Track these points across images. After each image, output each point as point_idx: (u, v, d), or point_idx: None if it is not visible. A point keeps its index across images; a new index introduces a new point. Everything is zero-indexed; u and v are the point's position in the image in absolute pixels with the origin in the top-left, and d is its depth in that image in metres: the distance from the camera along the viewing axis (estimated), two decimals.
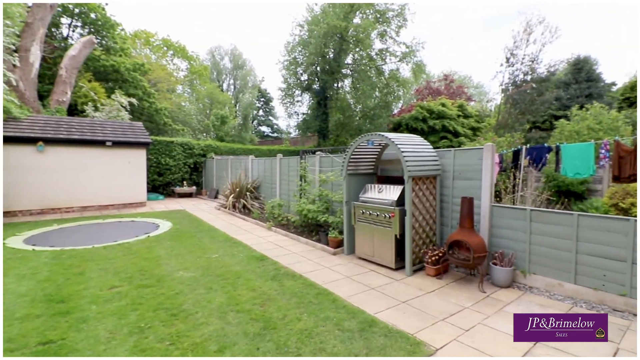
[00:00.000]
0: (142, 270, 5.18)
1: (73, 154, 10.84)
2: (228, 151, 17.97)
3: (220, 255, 6.08)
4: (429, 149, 5.49)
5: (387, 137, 5.12)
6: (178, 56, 45.44)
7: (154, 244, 6.85)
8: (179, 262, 5.61)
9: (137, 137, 12.20)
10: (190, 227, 8.60)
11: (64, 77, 17.12)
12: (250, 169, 12.14)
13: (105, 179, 11.42)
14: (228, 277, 4.88)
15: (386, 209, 5.27)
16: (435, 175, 5.36)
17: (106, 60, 24.18)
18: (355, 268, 5.42)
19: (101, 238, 7.35)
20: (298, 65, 18.41)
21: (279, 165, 10.13)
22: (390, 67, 19.27)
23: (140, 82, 26.00)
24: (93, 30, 25.96)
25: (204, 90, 44.18)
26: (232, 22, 62.21)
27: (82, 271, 5.13)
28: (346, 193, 6.08)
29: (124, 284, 4.63)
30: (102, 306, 3.91)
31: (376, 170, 6.52)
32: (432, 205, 5.38)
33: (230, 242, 7.07)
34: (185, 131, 31.90)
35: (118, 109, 18.34)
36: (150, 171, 15.30)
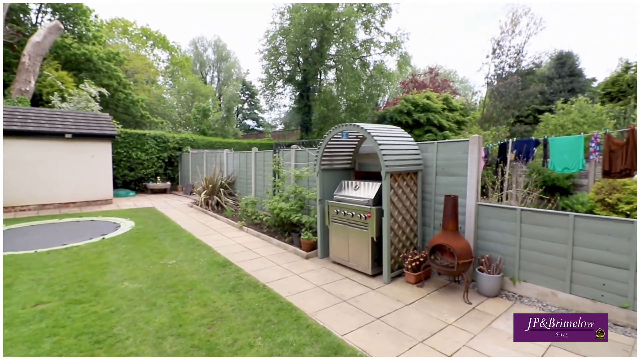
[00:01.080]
0: (81, 281, 4.48)
1: (28, 148, 9.87)
2: (206, 145, 17.11)
3: (179, 260, 5.42)
4: (409, 142, 4.94)
5: (363, 128, 4.53)
6: (158, 46, 43.84)
7: (107, 247, 6.12)
8: (128, 270, 4.92)
9: (102, 129, 11.27)
10: (154, 227, 7.87)
11: (27, 65, 15.88)
12: (225, 164, 11.41)
13: (66, 175, 10.49)
14: (179, 289, 4.23)
15: (362, 209, 4.71)
16: (416, 170, 4.82)
17: (77, 49, 22.80)
18: (328, 275, 4.85)
19: (50, 241, 6.57)
20: (279, 55, 17.60)
21: (254, 159, 9.45)
22: (374, 58, 18.70)
23: (115, 72, 24.70)
24: (64, 17, 24.42)
25: (185, 83, 42.74)
26: (216, 12, 60.30)
27: (11, 283, 4.40)
28: (320, 190, 5.49)
29: (54, 299, 3.94)
30: (16, 330, 3.22)
31: (354, 165, 5.94)
32: (413, 204, 4.84)
33: (194, 244, 6.41)
34: (165, 124, 30.69)
35: (87, 100, 17.17)
36: (120, 166, 14.36)
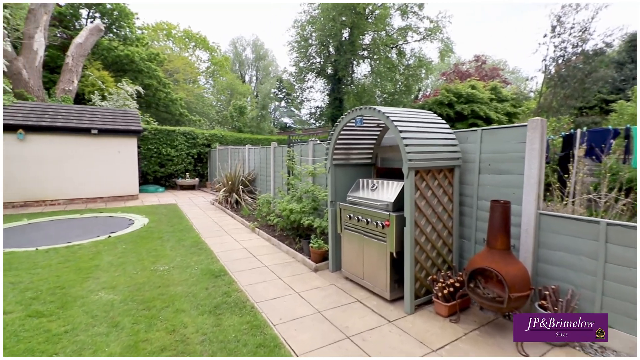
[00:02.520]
0: (57, 287, 3.99)
1: (58, 143, 10.04)
2: (235, 141, 16.84)
3: (172, 266, 4.80)
4: (442, 129, 3.83)
5: (380, 111, 3.52)
6: (199, 47, 45.30)
7: (107, 247, 5.71)
8: (112, 277, 4.37)
9: (128, 124, 11.25)
10: (165, 226, 7.44)
11: (70, 66, 16.64)
12: (247, 160, 10.85)
13: (93, 170, 10.58)
14: (154, 305, 3.56)
15: (379, 215, 3.70)
16: (452, 166, 3.71)
17: (121, 50, 23.81)
18: (336, 295, 3.92)
19: (58, 238, 6.35)
20: (309, 46, 16.76)
21: (272, 155, 8.73)
22: (412, 46, 17.14)
23: (155, 72, 25.52)
24: (109, 21, 25.75)
25: (224, 82, 43.73)
26: (255, 12, 61.21)
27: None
28: (332, 190, 4.55)
29: (18, 309, 3.45)
30: None
31: (375, 160, 4.92)
32: (447, 210, 3.74)
33: (197, 247, 5.79)
34: (203, 122, 31.39)
35: (125, 98, 17.73)
36: (151, 162, 14.49)
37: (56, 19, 21.88)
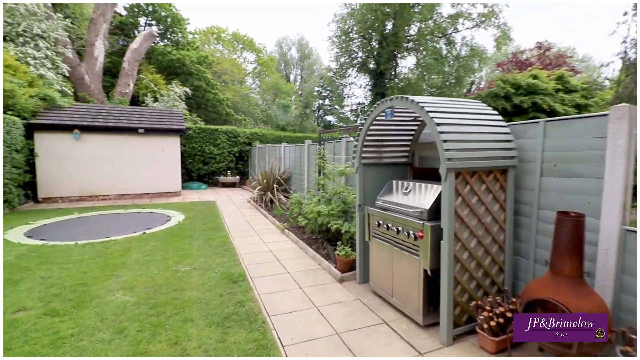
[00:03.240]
0: (81, 284, 4.01)
1: (109, 142, 10.71)
2: (274, 139, 16.86)
3: (194, 268, 4.65)
4: (492, 122, 3.15)
5: (413, 100, 2.96)
6: (247, 49, 46.83)
7: (139, 244, 5.79)
8: (133, 276, 4.32)
9: (172, 124, 11.69)
10: (198, 223, 7.47)
11: (126, 70, 17.89)
12: (282, 158, 10.67)
13: (140, 167, 11.14)
14: (165, 311, 3.37)
15: (411, 224, 3.14)
16: (504, 167, 3.02)
17: (174, 55, 25.20)
18: (360, 314, 3.42)
19: (98, 232, 6.62)
20: (350, 40, 16.17)
21: (306, 153, 8.39)
22: (464, 34, 15.74)
23: (204, 73, 26.65)
24: (164, 28, 27.46)
25: (269, 82, 44.74)
26: (299, 12, 61.82)
27: (21, 279, 4.18)
28: (360, 192, 4.05)
29: (38, 306, 3.47)
30: None
31: (411, 158, 4.32)
32: (498, 221, 3.06)
33: (223, 247, 5.63)
34: (248, 121, 32.31)
35: (174, 99, 18.68)
36: (195, 160, 15.03)
37: (118, 28, 23.81)
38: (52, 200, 10.12)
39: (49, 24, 11.94)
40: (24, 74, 10.05)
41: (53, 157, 9.98)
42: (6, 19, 10.76)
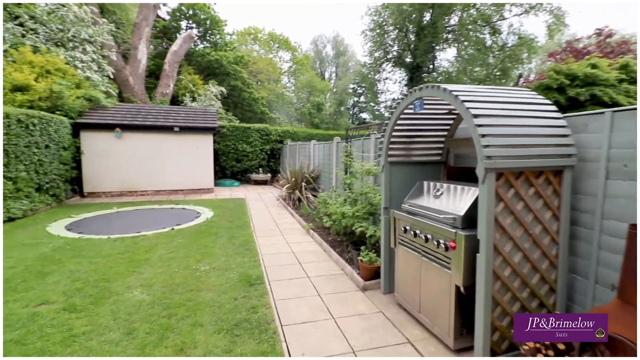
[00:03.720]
0: (103, 280, 4.06)
1: (146, 140, 11.16)
2: (306, 137, 16.72)
3: (213, 267, 4.56)
4: (544, 113, 2.64)
5: (445, 89, 2.55)
6: (282, 48, 47.47)
7: (165, 240, 5.85)
8: (154, 273, 4.31)
9: (205, 122, 11.93)
10: (225, 221, 7.47)
11: (167, 72, 18.68)
12: (312, 156, 10.45)
13: (175, 165, 11.50)
14: (177, 313, 3.26)
15: (441, 232, 2.74)
16: (559, 167, 2.52)
17: (212, 56, 26.01)
18: (382, 329, 3.07)
19: (132, 227, 6.84)
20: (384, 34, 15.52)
21: (335, 151, 8.09)
22: (511, 22, 14.45)
23: (240, 73, 27.25)
24: (203, 30, 28.47)
25: (304, 80, 44.97)
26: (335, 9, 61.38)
27: (51, 271, 4.33)
28: (386, 193, 3.68)
29: (60, 299, 3.53)
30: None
31: (445, 157, 3.86)
32: (550, 232, 2.56)
33: (245, 247, 5.51)
34: (281, 119, 32.63)
35: (210, 98, 19.22)
36: (229, 157, 15.31)
37: (161, 32, 25.01)
38: (96, 194, 10.75)
39: (96, 29, 12.70)
40: (72, 77, 10.75)
41: (97, 154, 10.58)
42: (58, 25, 11.60)
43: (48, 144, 8.57)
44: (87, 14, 12.23)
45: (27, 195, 7.73)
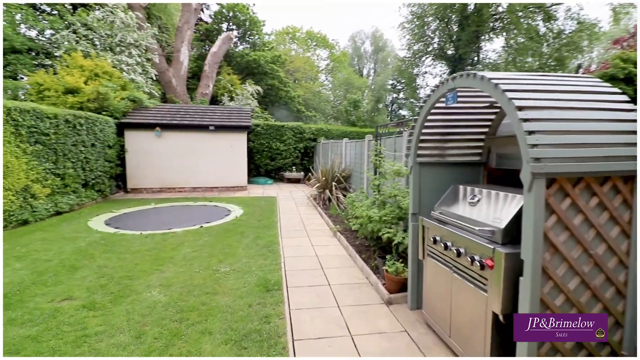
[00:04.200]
0: (127, 277, 4.11)
1: (184, 139, 11.54)
2: (340, 135, 16.40)
3: (234, 269, 4.45)
4: (610, 103, 2.12)
5: (483, 77, 2.14)
6: (320, 46, 47.52)
7: (193, 238, 5.90)
8: (175, 273, 4.29)
9: (240, 121, 12.09)
10: (253, 220, 7.42)
11: (207, 72, 19.33)
12: (343, 155, 10.13)
13: (210, 162, 11.79)
14: (189, 318, 3.15)
15: (476, 246, 2.32)
16: (629, 172, 1.99)
17: (250, 56, 26.58)
18: (405, 352, 2.72)
19: (164, 223, 7.02)
20: (424, 25, 14.66)
21: (366, 149, 7.71)
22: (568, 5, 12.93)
23: (277, 72, 27.56)
24: (242, 31, 29.19)
25: (341, 77, 44.64)
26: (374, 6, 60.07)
27: (82, 266, 4.49)
28: (414, 198, 3.30)
29: (83, 296, 3.60)
30: (9, 330, 2.88)
31: (486, 157, 3.37)
32: (617, 253, 2.05)
33: (269, 248, 5.37)
34: (318, 117, 32.58)
35: (247, 97, 19.59)
36: (263, 155, 15.46)
37: (204, 35, 25.99)
38: (138, 190, 11.32)
39: (140, 34, 13.40)
40: (118, 79, 11.41)
41: (139, 152, 11.14)
42: (107, 31, 12.38)
43: (94, 143, 9.13)
44: (132, 19, 12.92)
45: (74, 190, 8.28)
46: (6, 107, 6.11)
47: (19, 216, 6.44)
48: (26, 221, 6.60)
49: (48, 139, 7.26)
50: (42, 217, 6.99)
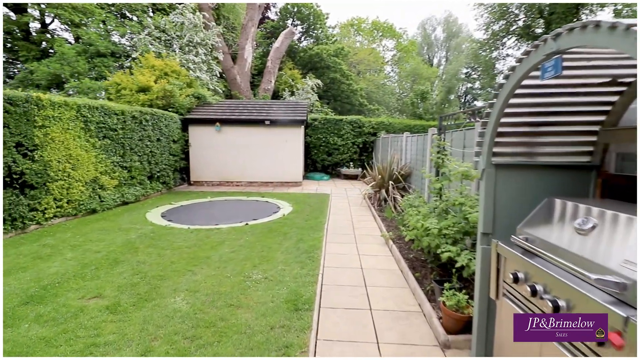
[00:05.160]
0: (159, 277, 3.95)
1: (241, 134, 11.68)
2: (403, 128, 15.13)
3: (266, 277, 4.02)
4: None
5: (619, 27, 1.23)
6: (386, 36, 45.76)
7: (235, 236, 5.68)
8: (206, 276, 4.02)
9: (295, 115, 11.81)
10: (299, 219, 7.00)
11: (269, 68, 19.61)
12: (404, 151, 9.14)
13: (265, 157, 11.75)
14: (201, 336, 2.77)
15: (590, 304, 1.43)
16: None
17: (313, 50, 26.47)
18: None
19: (214, 218, 7.02)
20: None
21: (430, 144, 6.70)
22: None
23: (340, 65, 26.97)
24: (306, 25, 29.20)
25: (408, 68, 42.36)
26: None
27: (124, 260, 4.50)
28: (486, 213, 2.42)
29: (112, 295, 3.51)
30: (29, 329, 2.82)
31: (599, 157, 2.32)
32: None
33: (309, 255, 4.84)
34: (381, 110, 31.25)
35: (307, 91, 19.40)
36: (320, 150, 15.09)
37: (270, 32, 26.57)
38: (200, 183, 11.82)
39: (207, 33, 13.94)
40: (185, 77, 11.98)
41: (201, 146, 11.58)
42: (177, 32, 13.11)
43: (159, 137, 9.64)
44: (199, 19, 13.49)
45: (140, 182, 8.82)
46: (76, 104, 6.58)
47: (88, 205, 6.97)
48: (94, 210, 7.12)
49: (116, 134, 7.76)
50: (109, 206, 7.51)
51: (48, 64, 11.39)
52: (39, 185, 5.88)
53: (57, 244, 5.13)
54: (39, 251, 4.79)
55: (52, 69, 11.49)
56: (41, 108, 5.86)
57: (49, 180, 6.06)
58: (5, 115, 5.26)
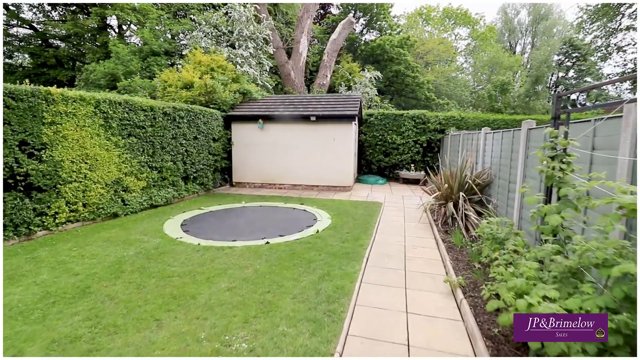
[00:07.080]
0: (111, 330, 2.81)
1: (284, 131, 10.54)
2: (479, 124, 12.48)
3: (253, 348, 2.61)
4: None
5: None
6: (459, 24, 41.63)
7: (243, 262, 4.40)
8: (173, 334, 2.76)
9: (345, 109, 10.25)
10: (334, 239, 5.48)
11: (325, 62, 18.32)
12: (481, 151, 6.97)
13: (310, 158, 10.44)
14: None
15: None
16: None
17: (374, 42, 24.58)
18: None
19: (235, 232, 5.93)
20: None
21: (524, 143, 4.60)
22: None
23: (404, 56, 24.60)
24: (369, 17, 27.34)
25: (485, 57, 37.64)
26: None
27: (94, 291, 3.51)
28: None
29: (37, 354, 2.43)
30: None
31: None
32: None
33: (330, 307, 3.30)
34: (452, 105, 27.87)
35: (365, 85, 17.69)
36: (375, 150, 13.30)
37: (331, 27, 25.33)
38: (242, 185, 11.01)
39: (257, 26, 13.15)
40: (231, 72, 11.27)
41: (243, 145, 10.75)
42: (228, 27, 12.53)
43: (196, 136, 8.95)
44: (250, 12, 12.75)
45: (172, 183, 8.18)
46: (94, 99, 5.99)
47: (109, 209, 6.39)
48: (115, 214, 6.54)
49: (144, 132, 7.14)
50: (133, 210, 6.90)
51: (105, 64, 11.78)
52: (48, 187, 5.34)
53: (46, 257, 4.43)
54: (19, 267, 4.09)
55: (107, 68, 11.82)
56: (51, 103, 5.31)
57: (60, 182, 5.52)
58: (6, 110, 4.73)
